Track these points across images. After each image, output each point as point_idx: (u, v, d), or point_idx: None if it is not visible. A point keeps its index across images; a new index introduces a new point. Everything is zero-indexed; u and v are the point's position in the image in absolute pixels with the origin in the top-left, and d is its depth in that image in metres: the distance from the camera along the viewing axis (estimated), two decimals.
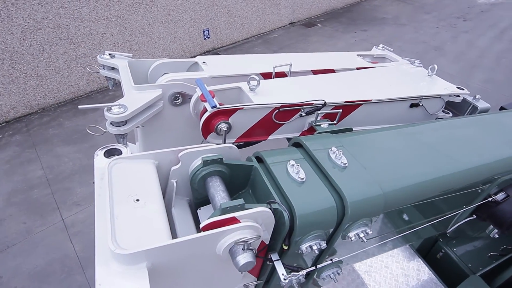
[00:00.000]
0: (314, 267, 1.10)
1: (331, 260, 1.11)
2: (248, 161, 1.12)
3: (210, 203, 1.15)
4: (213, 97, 1.37)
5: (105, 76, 1.79)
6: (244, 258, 0.83)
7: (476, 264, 3.02)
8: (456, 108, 2.10)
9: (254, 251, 0.86)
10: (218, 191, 1.04)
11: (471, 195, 1.47)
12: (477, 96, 2.03)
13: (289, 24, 10.11)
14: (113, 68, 1.74)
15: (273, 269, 1.10)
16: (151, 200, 0.95)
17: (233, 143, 1.46)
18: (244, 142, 1.56)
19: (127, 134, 1.44)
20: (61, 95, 6.57)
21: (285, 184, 1.02)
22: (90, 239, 4.23)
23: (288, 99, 1.55)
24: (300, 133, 1.74)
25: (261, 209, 0.93)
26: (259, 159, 1.15)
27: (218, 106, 1.37)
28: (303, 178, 1.04)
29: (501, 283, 2.62)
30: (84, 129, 5.99)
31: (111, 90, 7.05)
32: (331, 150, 1.14)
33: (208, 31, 8.24)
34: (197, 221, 1.09)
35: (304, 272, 1.05)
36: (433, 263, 3.11)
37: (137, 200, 0.94)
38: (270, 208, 0.93)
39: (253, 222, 0.90)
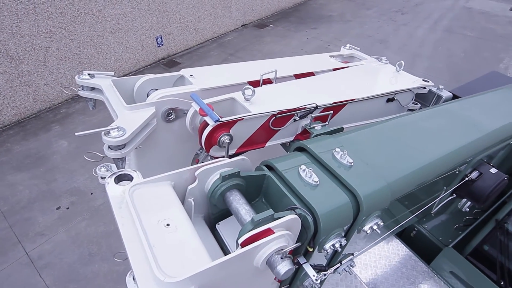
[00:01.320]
0: (339, 264, 1.15)
1: (352, 254, 1.17)
2: (260, 171, 1.14)
3: (225, 217, 1.14)
4: (212, 110, 1.36)
5: (85, 98, 1.69)
6: (285, 266, 0.85)
7: (445, 237, 3.29)
8: (423, 98, 2.30)
9: (291, 258, 0.88)
10: (241, 205, 1.05)
11: (450, 177, 1.62)
12: (440, 87, 2.25)
13: (242, 26, 10.18)
14: (93, 88, 1.65)
15: (295, 272, 1.13)
16: (181, 223, 0.93)
17: (234, 154, 1.46)
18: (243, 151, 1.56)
19: (125, 157, 1.37)
20: (5, 118, 5.99)
21: (302, 189, 1.05)
22: (62, 269, 3.93)
23: (283, 105, 1.59)
24: (294, 136, 1.79)
25: (291, 217, 0.95)
26: (269, 168, 1.17)
27: (220, 119, 1.37)
28: (317, 181, 1.08)
29: (470, 250, 2.90)
30: (37, 153, 5.53)
31: (63, 108, 6.59)
32: (335, 151, 1.19)
33: (161, 38, 8.02)
34: (216, 236, 1.08)
35: (332, 269, 1.10)
36: (409, 241, 3.34)
37: (168, 224, 0.92)
38: (296, 214, 0.95)
39: (286, 231, 0.92)
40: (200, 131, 1.44)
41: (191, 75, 1.68)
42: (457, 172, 1.62)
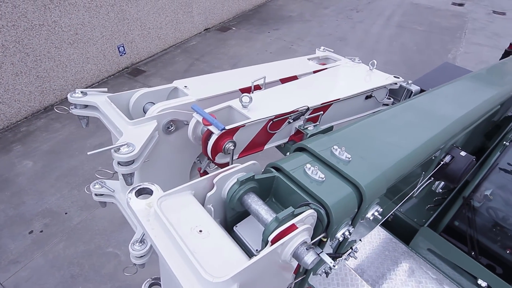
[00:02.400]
0: (350, 249, 1.26)
1: (360, 239, 1.28)
2: (269, 173, 1.21)
3: (239, 220, 1.21)
4: (216, 119, 1.41)
5: (78, 116, 1.65)
6: (311, 256, 0.94)
7: (419, 218, 3.56)
8: (394, 93, 2.51)
9: (314, 248, 0.97)
10: (260, 206, 1.12)
11: (428, 163, 1.80)
12: (409, 81, 2.46)
13: (204, 30, 10.16)
14: (86, 106, 1.62)
15: None
16: (211, 228, 0.98)
17: (236, 159, 1.52)
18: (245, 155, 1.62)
19: (134, 172, 1.37)
20: None
21: (310, 185, 1.15)
22: None
23: (278, 109, 1.68)
24: (288, 138, 1.89)
25: (310, 212, 1.05)
26: (276, 169, 1.24)
27: (225, 127, 1.42)
28: (323, 178, 1.18)
29: (443, 227, 3.17)
30: (0, 175, 5.18)
31: (23, 126, 6.21)
32: (334, 148, 1.30)
33: (123, 46, 7.80)
34: (234, 238, 1.13)
35: (345, 255, 1.20)
36: (387, 225, 3.57)
37: (200, 231, 0.96)
38: (311, 209, 1.04)
39: (307, 225, 1.00)
40: (204, 140, 1.49)
41: (185, 86, 1.71)
42: (433, 158, 1.81)
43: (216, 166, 1.75)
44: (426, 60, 8.58)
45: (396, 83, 2.33)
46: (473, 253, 3.03)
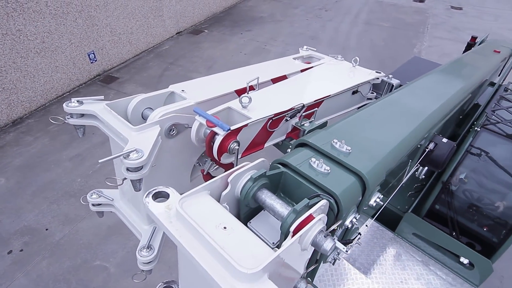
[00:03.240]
0: (359, 234, 1.33)
1: (366, 225, 1.36)
2: (277, 169, 1.26)
3: (251, 216, 1.25)
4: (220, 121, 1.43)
5: (74, 126, 1.61)
6: (330, 243, 1.00)
7: (402, 205, 3.74)
8: (376, 88, 2.64)
9: (331, 235, 1.03)
10: (274, 200, 1.17)
11: (415, 151, 1.93)
12: (390, 76, 2.60)
13: (176, 34, 10.05)
14: (82, 115, 1.59)
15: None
16: (234, 224, 1.02)
17: (239, 158, 1.55)
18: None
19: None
20: None
21: (318, 178, 1.21)
22: None
23: (276, 108, 1.73)
24: (285, 135, 1.94)
25: (323, 202, 1.11)
26: (282, 165, 1.30)
27: (231, 128, 1.45)
28: (329, 170, 1.24)
29: (426, 212, 3.36)
30: None
31: None
32: (334, 141, 1.37)
33: (93, 53, 7.57)
34: None
35: (355, 240, 1.27)
36: (373, 214, 3.72)
37: (225, 227, 0.99)
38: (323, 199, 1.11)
39: (322, 214, 1.06)
40: (208, 142, 1.51)
41: (182, 91, 1.72)
42: (419, 146, 1.93)
43: (216, 167, 1.77)
44: (394, 55, 8.97)
45: (378, 78, 2.46)
46: (454, 234, 3.23)
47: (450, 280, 3.17)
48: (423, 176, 2.52)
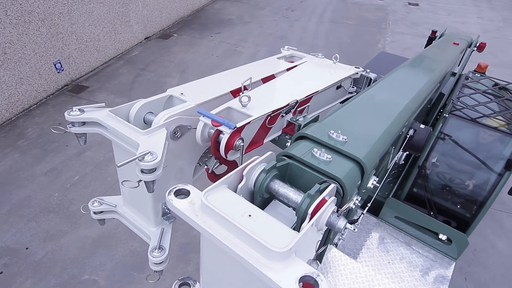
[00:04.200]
0: (362, 214, 1.44)
1: (363, 213, 1.47)
2: (284, 161, 1.35)
3: (263, 207, 1.33)
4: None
5: (76, 134, 1.60)
6: (343, 222, 1.10)
7: (382, 191, 3.97)
8: (356, 82, 2.81)
9: (343, 215, 1.13)
10: (286, 188, 1.26)
11: (398, 138, 2.10)
12: (368, 70, 2.78)
13: (145, 39, 9.88)
14: (83, 123, 1.58)
15: (328, 233, 1.40)
16: (257, 212, 1.09)
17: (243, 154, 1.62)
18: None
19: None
20: None
21: (322, 166, 1.31)
22: None
23: (273, 105, 1.81)
24: (281, 130, 2.04)
25: (332, 186, 1.22)
26: (287, 157, 1.39)
27: (236, 125, 1.51)
28: (330, 158, 1.35)
29: (405, 196, 3.59)
30: None
31: None
32: (330, 132, 1.49)
33: (59, 63, 7.29)
34: None
35: (360, 219, 1.39)
36: None
37: (250, 215, 1.06)
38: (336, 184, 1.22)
39: (333, 197, 1.16)
40: (214, 141, 1.57)
41: (181, 94, 1.76)
42: (400, 133, 2.10)
43: (216, 167, 1.83)
44: (360, 51, 9.37)
45: (357, 73, 2.63)
46: (432, 213, 3.48)
47: (431, 256, 3.41)
48: (403, 162, 2.72)
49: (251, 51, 9.41)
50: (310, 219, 1.08)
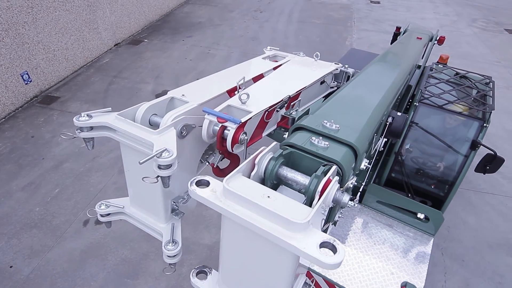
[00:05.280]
0: (359, 192, 1.61)
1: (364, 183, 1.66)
2: (287, 150, 1.49)
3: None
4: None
5: (84, 139, 1.63)
6: (347, 197, 1.26)
7: (362, 180, 4.21)
8: (336, 77, 3.02)
9: (347, 191, 1.29)
10: (294, 173, 1.41)
11: (380, 126, 2.30)
12: (346, 66, 3.00)
13: (115, 46, 9.70)
14: (91, 128, 1.61)
15: (330, 211, 1.56)
16: (274, 194, 1.21)
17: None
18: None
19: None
20: None
21: (322, 151, 1.47)
22: None
23: (269, 101, 1.94)
24: (276, 124, 2.17)
25: (334, 168, 1.37)
26: (288, 146, 1.54)
27: (241, 120, 1.63)
28: (327, 144, 1.51)
29: (384, 181, 3.86)
30: None
31: None
32: (324, 122, 1.65)
33: (27, 74, 7.02)
34: None
35: (357, 198, 1.55)
36: None
37: (268, 196, 1.18)
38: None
39: (336, 177, 1.31)
40: (219, 136, 1.68)
41: (183, 95, 1.85)
42: (381, 122, 2.31)
43: (219, 162, 1.94)
44: (329, 49, 9.74)
45: (337, 69, 2.84)
46: (410, 195, 3.77)
47: (411, 235, 3.69)
48: (382, 148, 2.96)
49: (224, 54, 9.51)
50: (319, 197, 1.22)
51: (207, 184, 1.22)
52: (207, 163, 2.05)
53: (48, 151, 5.94)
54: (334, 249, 1.05)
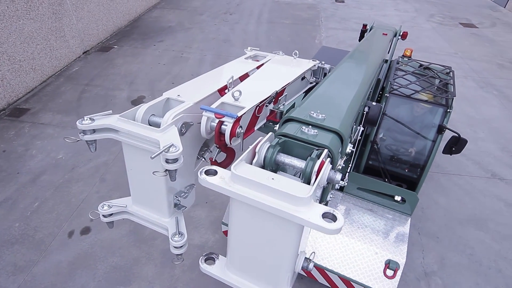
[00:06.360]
0: (347, 172, 1.78)
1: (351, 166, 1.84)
2: (281, 139, 1.64)
3: None
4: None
5: (87, 142, 1.67)
6: (339, 175, 1.43)
7: (343, 168, 4.46)
8: (314, 73, 3.21)
9: (339, 170, 1.45)
10: (291, 158, 1.57)
11: (358, 115, 2.51)
12: (323, 62, 3.21)
13: (84, 53, 9.46)
14: (94, 131, 1.66)
15: (322, 192, 1.73)
16: (277, 176, 1.35)
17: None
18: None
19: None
20: None
21: (312, 138, 1.64)
22: None
23: (259, 97, 2.07)
24: (266, 118, 2.31)
25: (326, 151, 1.53)
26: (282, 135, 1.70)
27: (238, 115, 1.75)
28: (316, 132, 1.67)
29: (363, 169, 4.11)
30: None
31: None
32: (311, 113, 1.82)
33: None
34: None
35: (346, 177, 1.72)
36: None
37: (273, 178, 1.31)
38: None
39: (328, 158, 1.47)
40: (217, 131, 1.79)
41: (178, 95, 1.94)
42: (359, 112, 2.52)
43: (215, 156, 2.06)
44: (300, 47, 10.03)
45: (315, 65, 3.04)
46: (386, 180, 4.05)
47: (390, 217, 3.96)
48: (360, 137, 3.18)
49: (198, 57, 9.55)
50: (316, 177, 1.38)
51: (214, 173, 1.34)
52: (203, 159, 2.16)
53: (23, 165, 5.74)
54: (334, 218, 1.21)
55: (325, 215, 1.21)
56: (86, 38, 9.48)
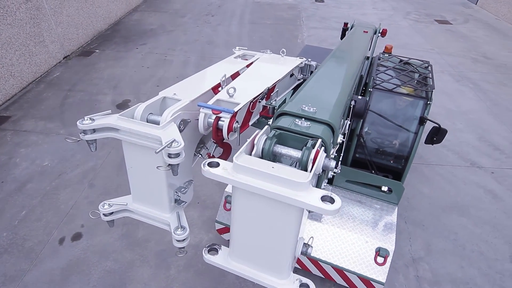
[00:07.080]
0: (339, 161, 1.88)
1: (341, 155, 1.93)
2: (277, 132, 1.73)
3: None
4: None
5: (88, 141, 1.69)
6: (333, 162, 1.52)
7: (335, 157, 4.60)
8: (302, 70, 3.32)
9: (333, 158, 1.54)
10: (288, 149, 1.66)
11: (345, 109, 2.62)
12: (309, 60, 3.32)
13: (64, 58, 9.29)
14: (94, 131, 1.68)
15: (318, 179, 1.82)
16: (277, 165, 1.43)
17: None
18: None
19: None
20: None
21: (305, 130, 1.74)
22: None
23: (252, 93, 2.15)
24: (259, 114, 2.39)
25: (320, 141, 1.63)
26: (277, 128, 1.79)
27: (234, 110, 1.81)
28: (309, 124, 1.77)
29: (351, 161, 4.25)
30: None
31: None
32: (303, 106, 1.91)
33: None
34: None
35: (339, 165, 1.81)
36: None
37: (273, 167, 1.39)
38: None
39: (323, 147, 1.57)
40: (215, 127, 1.86)
41: (174, 94, 1.99)
42: (346, 105, 2.63)
43: (213, 152, 2.13)
44: (283, 47, 10.11)
45: (302, 63, 3.16)
46: (373, 171, 4.20)
47: (378, 207, 4.12)
48: (347, 131, 3.31)
49: (182, 59, 9.53)
50: (312, 165, 1.47)
51: (217, 165, 1.41)
52: (199, 155, 2.22)
53: (7, 173, 5.61)
54: (332, 201, 1.31)
55: (323, 198, 1.30)
56: (66, 43, 9.31)
